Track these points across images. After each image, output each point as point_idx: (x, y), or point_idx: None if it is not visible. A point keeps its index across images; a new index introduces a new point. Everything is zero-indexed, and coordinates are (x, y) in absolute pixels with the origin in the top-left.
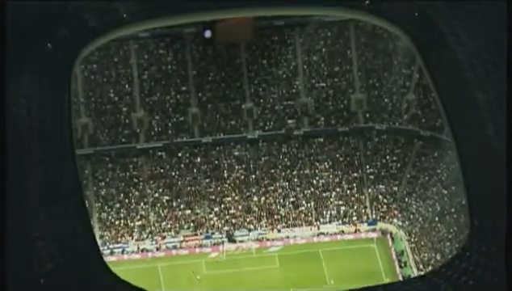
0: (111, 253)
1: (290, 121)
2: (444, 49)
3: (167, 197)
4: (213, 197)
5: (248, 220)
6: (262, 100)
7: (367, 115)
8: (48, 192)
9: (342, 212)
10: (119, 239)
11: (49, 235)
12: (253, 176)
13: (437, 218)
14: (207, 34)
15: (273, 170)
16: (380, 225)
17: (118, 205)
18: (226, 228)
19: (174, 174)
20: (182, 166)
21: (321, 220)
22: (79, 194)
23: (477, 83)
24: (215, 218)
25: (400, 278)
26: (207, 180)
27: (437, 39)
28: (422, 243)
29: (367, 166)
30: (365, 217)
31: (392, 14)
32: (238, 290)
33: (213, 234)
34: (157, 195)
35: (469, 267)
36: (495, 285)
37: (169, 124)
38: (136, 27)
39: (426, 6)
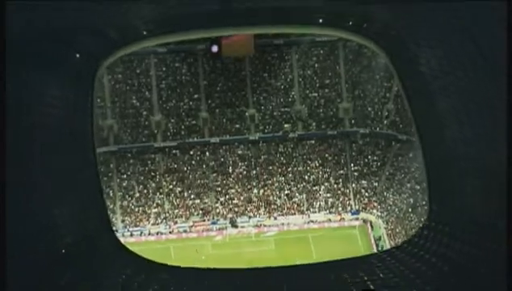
0: (131, 235)
1: (286, 125)
2: (412, 64)
3: (180, 188)
4: (219, 189)
5: (248, 209)
6: (262, 107)
7: (353, 121)
8: (71, 179)
9: (329, 203)
10: (137, 223)
11: (68, 215)
12: (254, 172)
13: (410, 209)
14: (214, 48)
15: (271, 167)
16: (362, 214)
17: (137, 195)
18: (230, 215)
19: (185, 169)
20: (193, 162)
21: (311, 209)
22: (97, 182)
23: (439, 93)
24: (220, 207)
25: None
26: (214, 175)
27: (406, 54)
28: (397, 230)
29: (352, 165)
30: (349, 208)
31: (371, 34)
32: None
33: (218, 220)
34: (171, 186)
35: (426, 243)
36: (448, 258)
37: (183, 127)
38: (151, 42)
39: (400, 28)
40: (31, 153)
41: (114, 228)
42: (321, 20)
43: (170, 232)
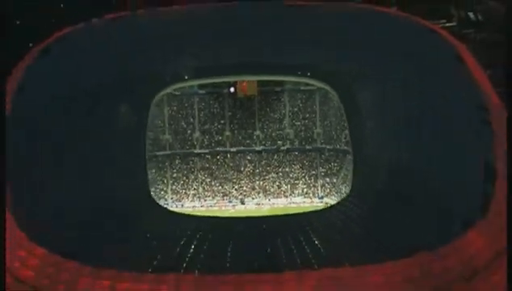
0: (176, 207)
1: (279, 142)
2: (351, 96)
3: (209, 179)
4: (235, 180)
5: (252, 193)
6: (265, 130)
7: (322, 141)
8: (130, 165)
9: (304, 191)
10: (181, 200)
11: (124, 184)
12: (257, 170)
13: None
14: (232, 89)
15: (268, 168)
16: (325, 199)
17: (182, 182)
18: (240, 197)
19: (214, 167)
20: (219, 163)
21: (293, 195)
22: (144, 170)
23: (368, 119)
24: (234, 192)
25: None
26: (232, 171)
27: (349, 96)
28: None
29: (320, 168)
30: (317, 195)
31: (326, 79)
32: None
33: (232, 200)
34: (203, 178)
35: (349, 205)
36: (362, 216)
37: (213, 141)
38: (189, 83)
39: (348, 77)
40: (101, 147)
41: (165, 202)
42: (299, 72)
43: (201, 206)
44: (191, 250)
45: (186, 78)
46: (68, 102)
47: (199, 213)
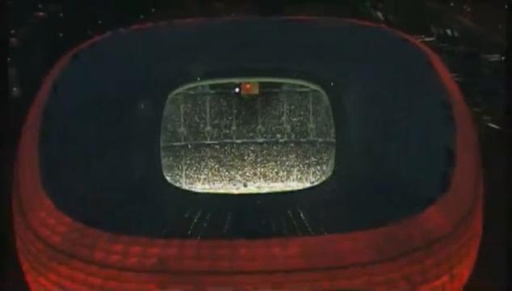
0: (189, 189)
1: (278, 135)
2: (339, 99)
3: (217, 165)
4: (239, 167)
5: (254, 178)
6: (266, 125)
7: (315, 134)
8: (148, 155)
9: (298, 177)
10: (193, 183)
11: (142, 171)
12: (259, 159)
13: None
14: (237, 90)
15: (268, 157)
16: (315, 183)
17: (194, 168)
18: (243, 181)
19: (222, 156)
20: (226, 153)
21: (288, 180)
22: (159, 158)
23: (354, 117)
24: (238, 176)
25: None
26: (237, 160)
27: (337, 95)
28: None
29: (312, 158)
30: (309, 180)
31: (317, 81)
32: None
33: (237, 183)
34: (212, 164)
35: (331, 186)
36: (339, 199)
37: (221, 133)
38: (201, 83)
39: (336, 80)
40: (125, 135)
41: (180, 185)
42: (294, 75)
43: (210, 189)
44: (195, 220)
45: (198, 79)
46: (95, 106)
47: None
